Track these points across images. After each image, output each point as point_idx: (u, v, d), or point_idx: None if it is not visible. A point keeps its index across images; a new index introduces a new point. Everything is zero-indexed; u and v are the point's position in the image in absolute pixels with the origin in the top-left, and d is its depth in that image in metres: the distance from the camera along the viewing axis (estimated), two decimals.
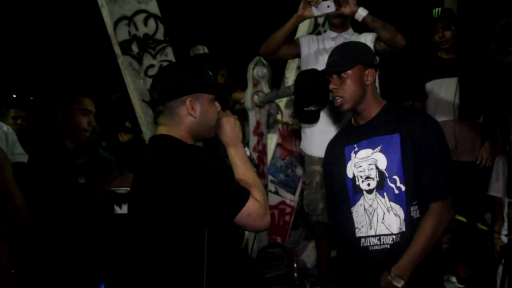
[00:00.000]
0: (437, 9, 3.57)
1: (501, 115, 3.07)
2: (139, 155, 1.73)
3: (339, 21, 3.12)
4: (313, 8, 2.87)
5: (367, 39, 3.02)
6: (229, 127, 1.75)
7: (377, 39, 2.96)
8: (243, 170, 1.70)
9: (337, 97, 2.04)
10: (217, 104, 1.77)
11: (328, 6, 2.83)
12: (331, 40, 3.14)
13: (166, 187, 1.55)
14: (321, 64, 3.02)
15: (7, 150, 3.15)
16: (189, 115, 1.68)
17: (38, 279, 2.43)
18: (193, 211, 1.55)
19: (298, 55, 3.23)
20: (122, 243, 1.76)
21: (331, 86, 2.05)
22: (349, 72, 2.02)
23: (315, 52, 3.14)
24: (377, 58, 2.82)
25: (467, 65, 3.46)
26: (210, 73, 1.77)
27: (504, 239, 3.09)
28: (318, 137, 3.18)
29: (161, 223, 1.58)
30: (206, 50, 5.17)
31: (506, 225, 3.16)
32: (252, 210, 1.57)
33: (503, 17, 2.73)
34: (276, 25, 3.09)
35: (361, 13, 2.83)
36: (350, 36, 3.13)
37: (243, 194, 1.58)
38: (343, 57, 2.05)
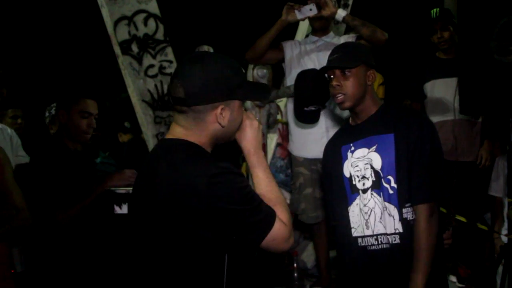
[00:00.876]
0: (435, 10, 3.57)
1: (501, 115, 3.07)
2: (139, 155, 1.65)
3: (320, 24, 3.16)
4: (296, 12, 2.93)
5: (348, 40, 3.06)
6: (252, 132, 1.55)
7: (357, 39, 3.01)
8: (265, 184, 1.52)
9: (339, 95, 2.03)
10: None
11: (311, 9, 2.89)
12: (312, 43, 3.20)
13: (187, 205, 1.38)
14: (302, 67, 3.07)
15: (11, 153, 3.12)
16: (216, 123, 1.46)
17: (38, 279, 2.43)
18: (214, 235, 1.41)
19: (282, 60, 3.27)
20: (126, 249, 1.62)
21: (334, 83, 2.03)
22: (353, 70, 2.01)
23: (297, 55, 3.19)
24: None
25: (466, 65, 3.47)
26: (243, 70, 1.53)
27: (504, 239, 3.09)
28: (302, 138, 3.18)
29: (176, 241, 1.42)
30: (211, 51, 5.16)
31: (506, 225, 3.16)
32: (278, 234, 1.43)
33: (503, 17, 2.74)
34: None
35: (341, 13, 2.90)
36: (330, 39, 3.18)
37: (270, 217, 1.43)
38: (347, 55, 2.04)
